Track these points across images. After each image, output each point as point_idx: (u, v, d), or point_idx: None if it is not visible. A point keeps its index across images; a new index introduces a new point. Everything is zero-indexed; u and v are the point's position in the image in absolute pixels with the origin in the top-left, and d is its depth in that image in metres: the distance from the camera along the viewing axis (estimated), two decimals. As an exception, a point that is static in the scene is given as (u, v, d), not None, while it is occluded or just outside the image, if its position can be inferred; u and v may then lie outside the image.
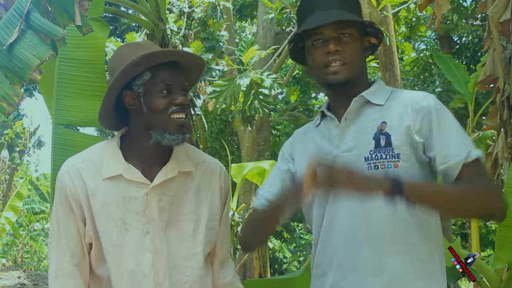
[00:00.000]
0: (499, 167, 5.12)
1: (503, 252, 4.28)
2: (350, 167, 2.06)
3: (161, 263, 2.29)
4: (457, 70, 11.27)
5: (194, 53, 2.53)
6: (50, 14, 3.08)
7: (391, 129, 2.23)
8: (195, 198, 2.41)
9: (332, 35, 2.27)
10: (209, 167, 2.50)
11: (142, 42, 2.51)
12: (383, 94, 2.37)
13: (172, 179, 2.35)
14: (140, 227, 2.30)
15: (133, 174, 2.32)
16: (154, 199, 2.31)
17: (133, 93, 2.31)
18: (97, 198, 2.29)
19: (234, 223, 9.53)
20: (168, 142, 2.28)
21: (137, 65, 2.25)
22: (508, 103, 4.81)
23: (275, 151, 17.62)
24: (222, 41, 11.98)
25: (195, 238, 2.38)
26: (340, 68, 2.26)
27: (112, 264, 2.28)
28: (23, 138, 26.26)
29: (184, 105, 2.29)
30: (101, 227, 2.29)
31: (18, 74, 2.88)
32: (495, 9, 4.68)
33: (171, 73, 2.30)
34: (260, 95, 8.45)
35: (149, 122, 2.30)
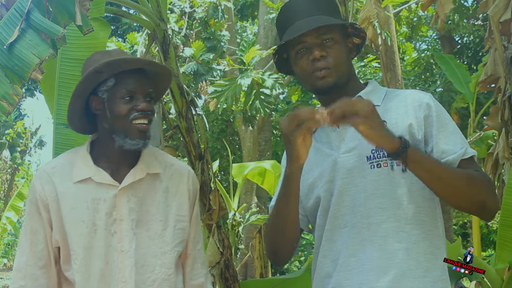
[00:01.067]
0: (500, 167, 5.11)
1: (504, 252, 4.28)
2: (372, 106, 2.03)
3: (127, 262, 2.37)
4: (458, 70, 11.27)
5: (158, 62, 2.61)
6: (50, 13, 3.08)
7: (391, 127, 2.21)
8: (164, 199, 2.50)
9: (315, 41, 2.26)
10: (177, 170, 2.60)
11: (113, 50, 2.56)
12: (379, 95, 2.37)
13: (141, 181, 2.44)
14: (108, 228, 2.38)
15: (102, 176, 2.41)
16: (123, 200, 2.40)
17: (98, 98, 2.41)
18: (67, 202, 2.39)
19: (236, 223, 9.53)
20: (129, 147, 2.38)
21: (100, 71, 2.36)
22: (510, 103, 4.81)
23: (276, 151, 17.65)
24: (223, 41, 11.99)
25: (163, 237, 2.46)
26: (328, 73, 2.25)
27: (81, 265, 2.35)
28: (24, 138, 26.29)
29: (145, 111, 2.37)
30: (70, 229, 2.37)
31: (18, 73, 2.88)
32: (495, 9, 4.68)
33: (135, 80, 2.40)
34: (261, 95, 8.45)
35: (112, 127, 2.39)
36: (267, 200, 15.21)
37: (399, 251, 2.19)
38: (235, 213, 9.57)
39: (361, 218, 2.22)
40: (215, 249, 4.28)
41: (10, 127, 25.24)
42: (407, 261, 2.18)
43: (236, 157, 16.31)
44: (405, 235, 2.20)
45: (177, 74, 4.24)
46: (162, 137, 4.66)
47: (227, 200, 9.46)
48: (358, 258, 2.22)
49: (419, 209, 2.22)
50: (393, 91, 2.42)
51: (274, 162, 9.55)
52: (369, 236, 2.21)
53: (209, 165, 4.36)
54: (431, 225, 2.25)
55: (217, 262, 4.29)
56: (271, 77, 8.50)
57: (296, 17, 2.32)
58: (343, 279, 2.24)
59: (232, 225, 9.53)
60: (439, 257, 2.26)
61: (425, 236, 2.22)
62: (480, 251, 10.40)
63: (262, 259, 8.27)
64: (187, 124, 4.27)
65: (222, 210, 4.33)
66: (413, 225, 2.21)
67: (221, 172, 17.51)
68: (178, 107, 4.27)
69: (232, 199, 9.77)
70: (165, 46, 4.22)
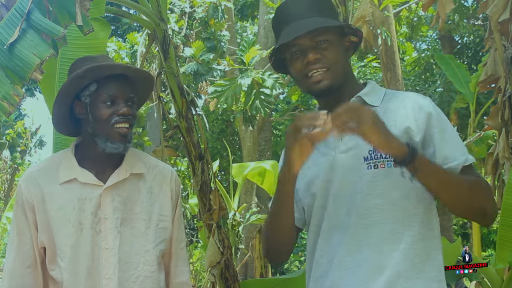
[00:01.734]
0: (500, 167, 5.10)
1: (504, 252, 4.28)
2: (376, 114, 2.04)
3: (112, 259, 2.44)
4: (458, 70, 11.27)
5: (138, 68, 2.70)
6: (51, 13, 3.08)
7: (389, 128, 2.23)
8: (147, 199, 2.59)
9: (309, 44, 2.26)
10: (160, 171, 2.68)
11: (99, 56, 2.67)
12: (378, 96, 2.37)
13: (125, 181, 2.53)
14: (94, 226, 2.45)
15: (87, 177, 2.49)
16: (107, 199, 2.48)
17: (81, 103, 2.51)
18: (53, 202, 2.46)
19: (236, 223, 9.53)
20: (110, 150, 2.46)
21: (81, 77, 2.44)
22: (510, 103, 4.81)
23: (276, 151, 17.64)
24: (224, 41, 11.98)
25: (146, 236, 2.54)
26: (323, 75, 2.25)
27: (68, 263, 2.42)
28: (24, 138, 26.26)
29: (126, 115, 2.45)
30: (57, 229, 2.45)
31: (19, 73, 2.88)
32: (494, 8, 4.68)
33: (116, 85, 2.48)
34: (261, 95, 8.44)
35: (95, 130, 2.48)
36: (267, 200, 15.19)
37: (395, 252, 2.19)
38: (235, 213, 9.57)
39: (357, 219, 2.23)
40: (216, 249, 4.28)
41: (10, 127, 25.22)
42: (402, 262, 2.19)
43: (236, 157, 16.31)
44: (401, 236, 2.20)
45: (177, 74, 4.24)
46: (162, 137, 4.66)
47: (227, 200, 9.46)
48: (353, 258, 2.23)
49: (415, 210, 2.23)
50: (392, 92, 2.42)
51: (274, 162, 9.54)
52: (365, 237, 2.22)
53: (209, 165, 4.36)
54: (427, 227, 2.26)
55: (217, 262, 4.30)
56: (271, 77, 8.49)
57: (291, 19, 2.32)
58: (338, 279, 2.25)
59: (232, 225, 9.53)
60: (434, 258, 2.26)
61: (421, 238, 2.22)
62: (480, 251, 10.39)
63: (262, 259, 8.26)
64: (187, 124, 4.27)
65: (222, 210, 4.33)
66: (409, 227, 2.22)
67: (221, 172, 17.51)
68: (178, 107, 4.27)
69: (232, 199, 9.77)
70: (165, 46, 4.22)
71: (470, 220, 2.76)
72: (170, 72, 4.21)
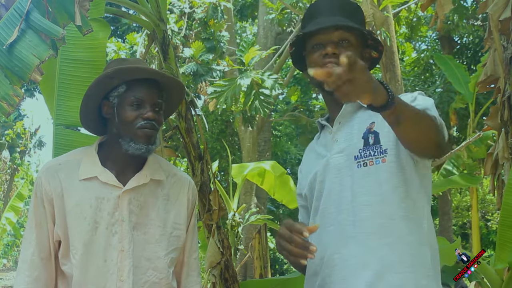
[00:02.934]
0: (500, 167, 5.11)
1: (504, 252, 4.29)
2: None
3: (127, 261, 2.45)
4: (457, 70, 11.28)
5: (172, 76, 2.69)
6: (50, 14, 3.08)
7: (379, 127, 2.27)
8: (163, 206, 2.59)
9: (331, 39, 2.31)
10: (179, 179, 2.69)
11: (131, 59, 2.67)
12: None
13: (144, 186, 2.53)
14: (109, 227, 2.45)
15: (108, 177, 2.49)
16: (125, 201, 2.48)
17: (109, 103, 2.51)
18: (71, 198, 2.46)
19: (235, 223, 9.52)
20: (133, 151, 2.46)
21: (110, 77, 2.46)
22: (509, 104, 4.81)
23: (275, 152, 17.65)
24: (223, 41, 11.98)
25: (159, 243, 2.54)
26: None
27: (79, 260, 2.42)
28: (24, 138, 26.28)
29: (151, 120, 2.45)
30: (72, 225, 2.44)
31: (18, 74, 2.88)
32: (495, 7, 4.68)
33: (145, 89, 2.48)
34: (261, 96, 8.44)
35: (119, 131, 2.48)
36: (266, 200, 15.22)
37: (383, 247, 2.21)
38: (235, 214, 9.56)
39: (346, 216, 2.26)
40: (216, 249, 4.28)
41: (9, 128, 25.22)
42: (390, 256, 2.20)
43: (236, 157, 16.31)
44: (389, 231, 2.22)
45: (176, 75, 4.24)
46: (162, 137, 4.66)
47: (226, 200, 9.45)
48: (341, 255, 2.25)
49: (403, 205, 2.24)
50: None
51: (273, 162, 9.54)
52: (353, 233, 2.25)
53: (209, 165, 4.36)
54: (415, 222, 2.27)
55: (217, 263, 4.29)
56: (271, 78, 8.49)
57: (321, 14, 2.38)
58: (327, 276, 2.29)
59: (232, 225, 9.51)
60: (424, 254, 2.27)
61: (409, 232, 2.23)
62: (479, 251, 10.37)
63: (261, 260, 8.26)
64: (187, 125, 4.26)
65: (222, 210, 4.33)
66: (397, 221, 2.23)
67: (220, 173, 17.52)
68: (178, 107, 4.27)
69: (231, 200, 9.76)
70: (165, 47, 4.21)
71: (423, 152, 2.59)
72: (170, 73, 4.21)
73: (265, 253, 8.32)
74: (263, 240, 8.16)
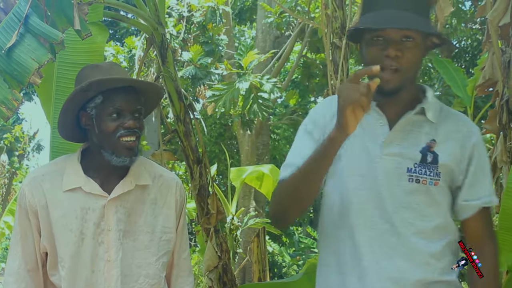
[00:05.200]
0: (498, 170, 5.11)
1: (502, 255, 4.27)
2: None
3: (114, 271, 2.42)
4: (456, 74, 11.26)
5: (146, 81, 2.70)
6: (49, 18, 3.08)
7: (439, 150, 2.24)
8: (151, 211, 2.56)
9: (395, 37, 2.20)
10: (166, 181, 2.65)
11: (104, 64, 2.60)
12: (436, 110, 2.34)
13: (129, 192, 2.49)
14: (96, 237, 2.43)
15: (92, 187, 2.46)
16: (111, 210, 2.45)
17: (87, 114, 2.46)
18: (56, 209, 2.44)
19: (234, 227, 9.51)
20: (116, 163, 2.42)
21: (85, 90, 2.40)
22: (507, 107, 4.81)
23: (274, 155, 17.62)
24: (221, 45, 11.97)
25: (149, 249, 2.52)
26: (393, 76, 2.19)
27: (67, 272, 2.41)
28: (22, 142, 26.23)
29: (132, 128, 2.41)
30: (58, 237, 2.42)
31: (17, 78, 2.88)
32: (494, 13, 4.68)
33: (122, 97, 2.42)
34: (259, 99, 8.45)
35: (101, 142, 2.44)
36: (265, 204, 15.18)
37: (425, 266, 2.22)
38: (233, 217, 9.55)
39: (390, 226, 2.23)
40: (213, 253, 4.28)
41: (8, 131, 25.19)
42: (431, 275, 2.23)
43: (234, 161, 16.29)
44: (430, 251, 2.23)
45: (175, 78, 4.25)
46: (161, 141, 4.66)
47: (225, 204, 9.44)
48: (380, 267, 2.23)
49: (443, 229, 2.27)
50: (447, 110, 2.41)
51: (272, 166, 9.53)
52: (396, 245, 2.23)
53: (207, 169, 4.37)
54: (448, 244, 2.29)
55: (215, 266, 4.29)
56: (269, 81, 8.50)
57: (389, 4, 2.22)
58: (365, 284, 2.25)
59: (230, 229, 9.51)
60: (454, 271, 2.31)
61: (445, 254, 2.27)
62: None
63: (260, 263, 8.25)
64: (185, 128, 4.27)
65: (220, 214, 4.33)
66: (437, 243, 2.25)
67: (219, 176, 17.48)
68: (176, 111, 4.27)
69: (230, 203, 9.76)
70: (163, 50, 4.22)
71: None
72: (168, 76, 4.22)
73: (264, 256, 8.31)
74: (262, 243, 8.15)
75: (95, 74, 2.45)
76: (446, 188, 2.26)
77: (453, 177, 2.25)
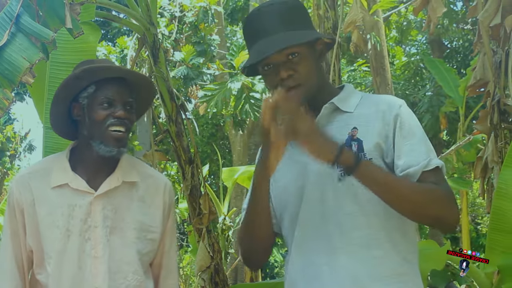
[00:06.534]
0: (489, 171, 5.13)
1: (494, 255, 4.29)
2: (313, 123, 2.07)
3: (101, 267, 2.43)
4: (447, 74, 11.29)
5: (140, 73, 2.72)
6: (40, 17, 3.07)
7: (362, 135, 2.23)
8: (139, 208, 2.56)
9: (280, 59, 2.22)
10: (154, 181, 2.66)
11: (100, 59, 2.66)
12: (353, 101, 2.34)
13: (116, 189, 2.50)
14: (82, 234, 2.44)
15: (79, 183, 2.47)
16: (97, 207, 2.46)
17: (79, 105, 2.49)
18: (43, 207, 2.45)
19: (225, 227, 9.52)
20: (103, 153, 2.44)
21: (79, 78, 2.44)
22: (499, 107, 4.83)
23: (266, 155, 17.61)
24: (213, 45, 11.97)
25: (137, 245, 2.52)
26: (297, 92, 2.21)
27: (54, 268, 2.42)
28: (14, 142, 26.15)
29: (122, 118, 2.43)
30: (45, 233, 2.44)
31: (8, 77, 2.87)
32: (485, 13, 4.70)
33: (114, 88, 2.46)
34: (251, 99, 8.46)
35: (90, 133, 2.46)
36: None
37: (373, 259, 2.18)
38: (225, 218, 9.57)
39: (332, 226, 2.21)
40: (205, 253, 4.27)
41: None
42: (380, 267, 2.18)
43: (226, 161, 16.29)
44: (378, 242, 2.19)
45: (167, 79, 4.24)
46: (152, 141, 4.65)
47: (217, 204, 9.45)
48: (330, 266, 2.20)
49: (388, 215, 2.20)
50: (368, 96, 2.41)
51: (264, 166, 9.54)
52: (341, 244, 2.20)
53: (199, 169, 4.36)
54: (401, 231, 2.25)
55: (207, 267, 4.29)
56: (261, 81, 8.50)
57: (261, 34, 2.26)
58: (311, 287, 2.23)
59: (222, 229, 9.52)
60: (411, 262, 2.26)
61: (396, 243, 2.22)
62: (470, 254, 10.39)
63: (252, 263, 8.26)
64: (177, 129, 4.26)
65: (212, 214, 4.32)
66: (384, 232, 2.21)
67: (211, 176, 17.49)
68: (168, 111, 4.27)
69: (222, 203, 9.77)
70: (155, 50, 4.21)
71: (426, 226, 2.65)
72: (160, 77, 4.21)
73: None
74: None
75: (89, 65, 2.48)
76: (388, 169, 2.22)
77: (386, 154, 2.22)
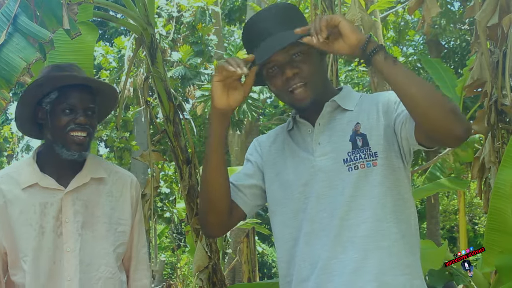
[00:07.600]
0: (487, 171, 5.14)
1: (491, 255, 4.30)
2: None
3: (72, 261, 2.52)
4: (445, 74, 11.30)
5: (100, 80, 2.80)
6: (38, 18, 3.06)
7: (365, 129, 2.26)
8: (108, 203, 2.68)
9: (284, 59, 2.26)
10: (121, 177, 2.78)
11: (64, 64, 2.78)
12: (353, 100, 2.38)
13: (85, 185, 2.61)
14: (55, 229, 2.53)
15: (48, 182, 2.57)
16: (68, 203, 2.56)
17: (42, 109, 2.60)
18: (15, 207, 2.53)
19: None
20: (66, 157, 2.55)
21: (40, 85, 2.54)
22: (496, 108, 4.84)
23: (264, 155, 17.60)
24: (211, 45, 11.96)
25: (107, 238, 2.63)
26: (304, 91, 2.26)
27: (30, 265, 2.49)
28: (11, 142, 26.14)
29: (83, 124, 2.53)
30: (19, 232, 2.52)
31: (5, 77, 2.86)
32: (482, 13, 4.70)
33: (76, 94, 2.55)
34: (248, 99, 8.47)
35: (53, 136, 2.56)
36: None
37: (380, 250, 2.20)
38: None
39: (340, 221, 2.22)
40: (203, 253, 4.27)
41: (-4, 132, 25.11)
42: (388, 259, 2.20)
43: (224, 161, 16.25)
44: (384, 233, 2.21)
45: (164, 79, 4.24)
46: (150, 141, 4.65)
47: (214, 204, 9.43)
48: (339, 260, 2.21)
49: (395, 208, 2.24)
50: (366, 95, 2.44)
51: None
52: (349, 237, 2.21)
53: (197, 169, 4.36)
54: (406, 224, 2.28)
55: (205, 267, 4.29)
56: (259, 81, 8.50)
57: (262, 36, 2.29)
58: (325, 282, 2.23)
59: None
60: (415, 254, 2.29)
61: (402, 235, 2.24)
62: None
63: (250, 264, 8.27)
64: (175, 129, 4.26)
65: (210, 214, 4.31)
66: (391, 224, 2.23)
67: (208, 177, 17.46)
68: (166, 111, 4.27)
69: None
70: (153, 51, 4.22)
71: (438, 140, 2.31)
72: (158, 77, 4.21)
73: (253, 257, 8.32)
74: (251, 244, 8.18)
75: (54, 71, 2.61)
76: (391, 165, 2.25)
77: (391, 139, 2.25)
